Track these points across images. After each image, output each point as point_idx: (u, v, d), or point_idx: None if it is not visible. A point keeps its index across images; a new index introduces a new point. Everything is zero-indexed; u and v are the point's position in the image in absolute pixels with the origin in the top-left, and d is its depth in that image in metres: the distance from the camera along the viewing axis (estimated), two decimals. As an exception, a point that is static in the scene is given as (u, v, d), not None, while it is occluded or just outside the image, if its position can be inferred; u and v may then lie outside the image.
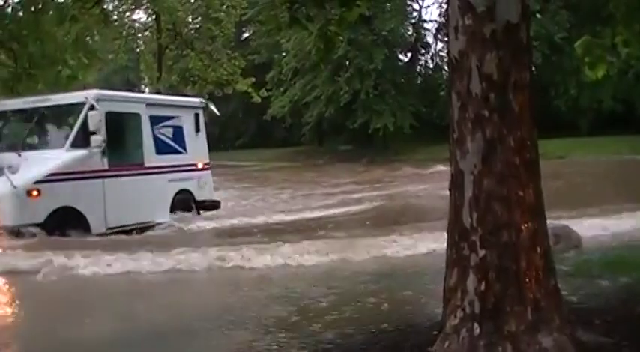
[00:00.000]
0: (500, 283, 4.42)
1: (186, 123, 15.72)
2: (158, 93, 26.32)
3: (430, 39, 52.37)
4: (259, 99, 26.58)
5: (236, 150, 57.99)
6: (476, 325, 4.41)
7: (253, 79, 26.23)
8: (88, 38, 17.31)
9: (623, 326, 5.07)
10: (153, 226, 13.92)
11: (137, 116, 14.29)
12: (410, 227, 12.05)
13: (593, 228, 10.44)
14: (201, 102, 16.73)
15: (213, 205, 16.24)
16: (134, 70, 47.79)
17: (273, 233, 12.47)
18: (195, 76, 26.13)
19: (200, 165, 15.99)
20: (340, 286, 7.51)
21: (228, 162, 46.99)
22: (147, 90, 51.31)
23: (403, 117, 44.06)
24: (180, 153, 15.40)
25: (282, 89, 48.80)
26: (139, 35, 30.42)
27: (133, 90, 65.20)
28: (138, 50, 32.72)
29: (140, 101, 15.01)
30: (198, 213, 15.64)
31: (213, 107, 17.38)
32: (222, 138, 60.79)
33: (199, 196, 15.68)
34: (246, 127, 60.28)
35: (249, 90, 25.65)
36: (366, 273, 8.07)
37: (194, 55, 25.38)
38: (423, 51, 52.58)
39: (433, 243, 8.83)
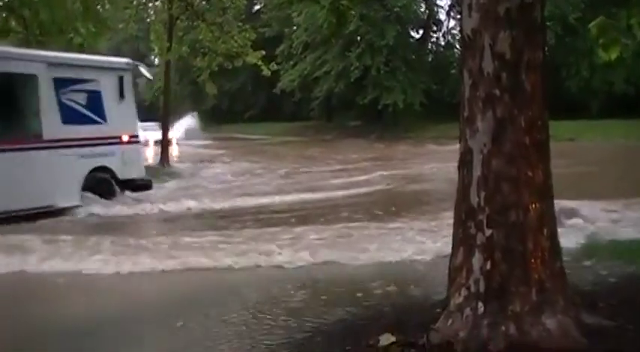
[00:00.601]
0: (506, 263, 4.42)
1: (107, 87, 13.26)
2: (167, 64, 26.22)
3: (442, 16, 52.05)
4: (269, 73, 26.36)
5: (245, 122, 57.96)
6: (480, 304, 4.42)
7: (263, 52, 26.02)
8: (98, 6, 17.25)
9: (627, 309, 5.07)
10: (60, 211, 11.90)
11: (33, 78, 11.85)
12: (419, 210, 11.80)
13: (600, 211, 10.38)
14: (127, 63, 14.16)
15: (144, 185, 14.04)
16: (144, 40, 47.59)
17: (273, 216, 11.83)
18: (205, 48, 25.94)
19: (125, 138, 13.57)
20: (344, 270, 7.37)
21: (236, 135, 47.10)
22: (157, 60, 51.23)
23: (413, 95, 43.87)
24: (97, 123, 13.01)
25: (292, 63, 48.59)
26: (150, 5, 30.27)
27: (142, 60, 65.76)
28: (148, 20, 32.55)
29: (37, 60, 12.12)
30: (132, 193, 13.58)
31: (144, 70, 15.43)
32: (231, 111, 60.85)
33: (124, 174, 13.39)
34: (256, 100, 60.13)
35: (259, 63, 25.45)
36: (370, 258, 7.86)
37: (205, 27, 25.13)
38: (435, 28, 52.21)
39: (442, 228, 8.47)
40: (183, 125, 43.82)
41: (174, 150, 32.98)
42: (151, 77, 17.29)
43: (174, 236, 9.86)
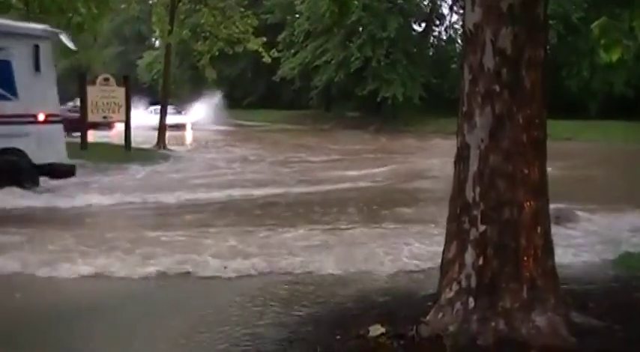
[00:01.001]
0: (498, 259, 4.43)
1: (18, 57, 11.49)
2: (168, 47, 26.13)
3: (445, 10, 51.87)
4: (270, 60, 26.35)
5: (243, 109, 57.84)
6: (471, 299, 4.43)
7: (265, 39, 25.99)
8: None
9: (618, 310, 5.08)
10: None
11: None
12: (418, 209, 11.51)
13: (601, 213, 10.36)
14: (45, 30, 12.19)
15: (65, 170, 12.29)
16: (146, 22, 47.44)
17: (262, 212, 11.19)
18: (206, 32, 25.89)
19: (41, 117, 11.84)
20: (339, 265, 7.13)
21: (235, 121, 46.94)
22: (157, 43, 51.03)
23: (413, 88, 43.75)
24: (4, 98, 11.37)
25: (293, 51, 48.45)
26: (153, -13, 30.23)
27: (143, 43, 65.60)
28: (150, 2, 32.49)
29: None
30: (36, 182, 11.84)
31: (65, 39, 13.77)
32: (230, 97, 60.75)
33: (39, 158, 11.68)
34: (255, 87, 59.98)
35: (260, 49, 25.42)
36: (363, 263, 7.76)
37: (207, 11, 25.08)
38: (438, 22, 52.02)
39: (442, 232, 7.83)
40: (209, 108, 43.07)
41: (188, 136, 33.04)
42: (74, 48, 15.40)
43: (141, 232, 8.97)
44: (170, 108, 34.78)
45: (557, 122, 22.83)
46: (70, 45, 14.39)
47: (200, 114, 41.89)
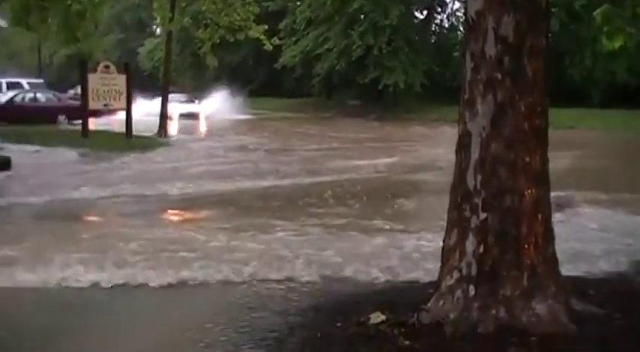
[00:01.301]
0: (499, 247, 4.44)
1: None
2: (169, 34, 26.04)
3: (448, -3, 51.64)
4: (271, 47, 26.27)
5: (245, 97, 57.74)
6: (471, 287, 4.44)
7: (266, 27, 25.90)
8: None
9: (618, 298, 5.10)
10: None
11: None
12: (421, 205, 11.03)
13: (595, 201, 10.38)
14: None
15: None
16: (146, 10, 47.33)
17: (255, 205, 10.89)
18: (207, 19, 25.80)
19: None
20: (339, 257, 7.05)
21: (243, 110, 46.80)
22: (158, 30, 50.88)
23: (415, 76, 43.61)
24: None
25: (294, 39, 48.29)
26: (154, -26, 30.13)
27: (144, 30, 65.39)
28: (152, -11, 32.47)
29: None
30: None
31: None
32: (231, 85, 60.62)
33: None
34: (256, 75, 59.82)
35: (262, 37, 25.34)
36: (367, 243, 7.74)
37: (208, -2, 25.10)
38: (440, 9, 51.83)
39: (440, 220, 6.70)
40: (223, 97, 42.90)
41: (201, 125, 33.03)
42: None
43: (137, 228, 8.58)
44: (183, 97, 34.74)
45: (560, 110, 22.78)
46: None
47: (214, 103, 41.79)
